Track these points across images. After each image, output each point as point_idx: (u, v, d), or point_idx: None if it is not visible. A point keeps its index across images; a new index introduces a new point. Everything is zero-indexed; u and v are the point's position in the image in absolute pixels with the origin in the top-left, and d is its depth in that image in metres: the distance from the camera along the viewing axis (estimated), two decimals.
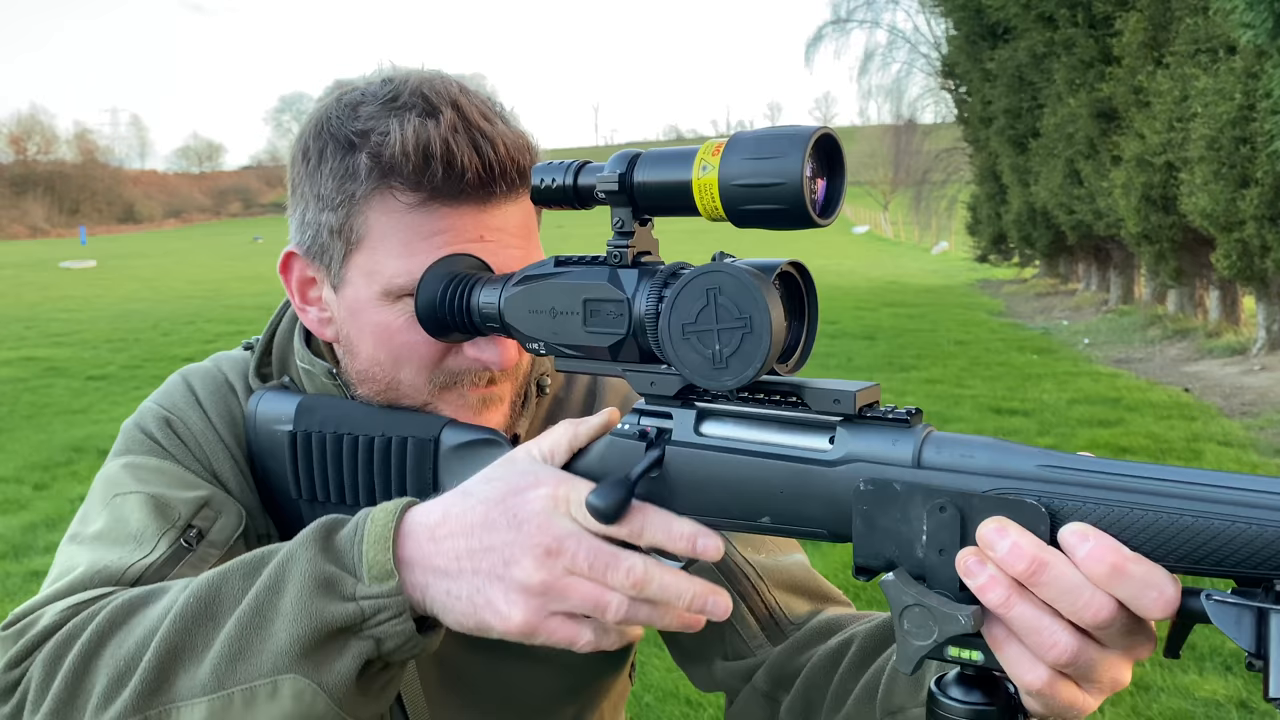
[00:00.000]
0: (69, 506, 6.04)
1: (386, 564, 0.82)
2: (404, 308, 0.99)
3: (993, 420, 7.62)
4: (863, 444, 0.75)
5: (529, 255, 1.01)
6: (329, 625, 0.81)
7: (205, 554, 0.99)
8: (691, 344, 0.77)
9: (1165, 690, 3.55)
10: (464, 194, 0.96)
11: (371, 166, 0.97)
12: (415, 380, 1.03)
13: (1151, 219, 10.76)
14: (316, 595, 0.81)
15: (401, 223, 0.97)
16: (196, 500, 1.02)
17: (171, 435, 1.08)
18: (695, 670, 1.15)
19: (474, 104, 0.98)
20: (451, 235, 0.97)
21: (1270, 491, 0.62)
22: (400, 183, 0.96)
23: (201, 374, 1.14)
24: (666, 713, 3.54)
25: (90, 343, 13.26)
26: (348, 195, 0.98)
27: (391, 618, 0.81)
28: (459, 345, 1.01)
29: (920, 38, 33.97)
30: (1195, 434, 7.01)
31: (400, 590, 0.81)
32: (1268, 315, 9.76)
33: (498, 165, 0.96)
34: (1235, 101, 8.24)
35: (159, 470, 1.04)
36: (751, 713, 1.10)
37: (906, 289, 19.19)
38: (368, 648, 0.82)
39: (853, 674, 1.00)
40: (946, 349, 11.25)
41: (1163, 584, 0.63)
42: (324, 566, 0.82)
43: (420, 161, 0.95)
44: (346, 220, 0.99)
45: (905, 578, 0.71)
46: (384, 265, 0.99)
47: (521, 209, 1.01)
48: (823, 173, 0.76)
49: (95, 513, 1.03)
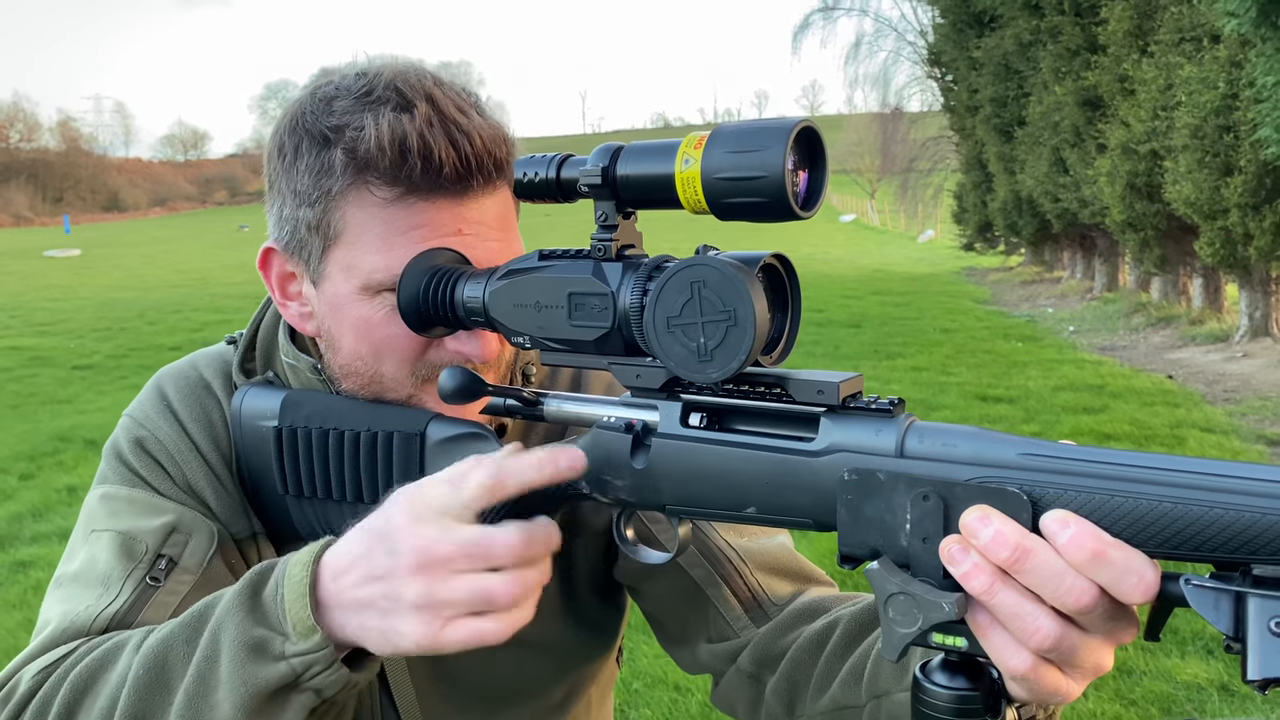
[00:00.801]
0: (55, 497, 6.02)
1: (307, 619, 0.83)
2: (384, 302, 0.99)
3: (978, 407, 7.65)
4: (846, 434, 0.75)
5: (508, 247, 1.01)
6: (266, 688, 0.83)
7: (177, 583, 1.02)
8: (676, 337, 0.78)
9: (1148, 674, 3.59)
10: (441, 188, 0.96)
11: (347, 162, 0.96)
12: (398, 374, 1.03)
13: (1136, 207, 10.80)
14: (249, 662, 0.83)
15: (378, 218, 0.97)
16: (164, 528, 1.04)
17: (143, 455, 1.09)
18: (681, 653, 1.17)
19: (449, 96, 0.98)
20: (429, 229, 0.97)
21: (1246, 477, 0.63)
22: (376, 178, 0.96)
23: (177, 377, 1.14)
24: (655, 698, 3.56)
25: (76, 332, 13.18)
26: (324, 191, 0.98)
27: (323, 670, 0.83)
28: (440, 339, 1.01)
29: (907, 26, 33.92)
30: (1178, 420, 7.06)
31: (326, 643, 0.83)
32: (1250, 302, 9.83)
33: (474, 158, 0.96)
34: (1219, 90, 8.27)
35: (129, 501, 1.06)
36: (736, 694, 1.11)
37: (893, 277, 19.23)
38: (308, 699, 0.84)
39: (838, 657, 1.01)
40: (932, 337, 11.29)
41: (1142, 569, 0.64)
42: (252, 631, 0.84)
43: (396, 156, 0.94)
44: (324, 216, 0.99)
45: (890, 566, 0.72)
46: (362, 260, 0.98)
47: (499, 201, 1.01)
48: (804, 165, 0.76)
49: (76, 548, 1.06)
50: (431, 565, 0.80)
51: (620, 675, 3.80)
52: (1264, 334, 9.72)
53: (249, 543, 1.11)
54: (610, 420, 0.86)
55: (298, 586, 0.84)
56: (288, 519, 1.10)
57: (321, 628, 0.83)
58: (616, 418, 0.86)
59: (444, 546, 0.80)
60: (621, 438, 0.85)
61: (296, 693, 0.84)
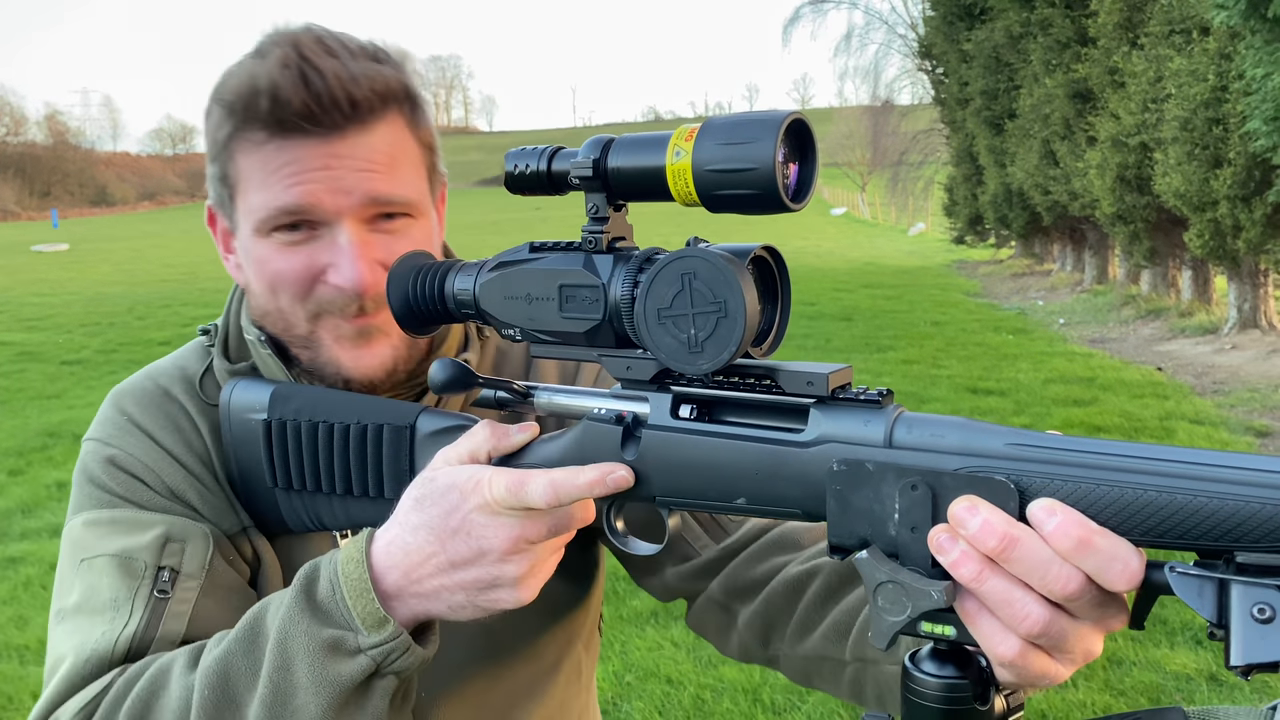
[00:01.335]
0: (44, 492, 6.00)
1: (377, 612, 0.88)
2: (275, 240, 1.04)
3: (969, 400, 7.68)
4: (836, 425, 0.76)
5: (395, 180, 1.04)
6: (350, 683, 0.87)
7: (185, 590, 1.03)
8: (667, 328, 0.78)
9: (1137, 664, 3.61)
10: (300, 128, 1.00)
11: (224, 113, 1.03)
12: (292, 309, 1.07)
13: (1126, 199, 10.83)
14: (328, 661, 0.87)
15: (256, 160, 1.02)
16: (157, 540, 1.04)
17: (117, 473, 1.08)
18: (651, 583, 1.19)
19: (313, 41, 1.02)
20: (297, 166, 1.01)
21: (1230, 466, 0.63)
22: (245, 123, 1.01)
23: (132, 392, 1.14)
24: (647, 691, 3.57)
25: (64, 327, 13.13)
26: (218, 144, 1.05)
27: (401, 654, 0.88)
28: (324, 273, 1.04)
29: (897, 18, 34.02)
30: (1168, 412, 7.10)
31: (399, 630, 0.88)
32: (1239, 295, 9.87)
33: (327, 96, 0.99)
34: (1208, 83, 8.30)
35: (113, 522, 1.06)
36: (709, 618, 1.15)
37: (884, 270, 19.26)
38: (390, 684, 0.89)
39: (818, 607, 1.04)
40: (923, 329, 11.31)
41: (1128, 557, 0.65)
42: (322, 631, 0.88)
43: (250, 98, 0.99)
44: (224, 168, 1.06)
45: (879, 555, 0.72)
46: (252, 201, 1.04)
47: (382, 138, 1.03)
48: (795, 157, 0.76)
49: (69, 581, 1.06)
50: (522, 547, 0.87)
51: (612, 668, 3.82)
52: (1252, 326, 9.77)
53: (240, 537, 1.11)
54: (601, 412, 0.87)
55: (358, 584, 0.88)
56: (277, 512, 1.10)
57: (393, 617, 0.88)
58: (607, 410, 0.87)
59: (531, 529, 0.87)
60: (612, 430, 0.85)
61: (380, 680, 0.89)
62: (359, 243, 1.03)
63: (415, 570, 0.88)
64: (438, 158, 1.13)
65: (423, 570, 0.88)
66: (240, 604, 1.04)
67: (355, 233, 1.03)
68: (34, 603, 4.48)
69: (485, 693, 1.18)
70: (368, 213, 1.04)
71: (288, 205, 1.02)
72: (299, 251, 1.04)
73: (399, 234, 1.06)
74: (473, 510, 0.87)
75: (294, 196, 1.01)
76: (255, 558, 1.12)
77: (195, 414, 1.12)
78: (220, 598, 1.05)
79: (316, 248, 1.04)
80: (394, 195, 1.04)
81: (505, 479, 0.85)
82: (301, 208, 1.02)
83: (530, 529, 0.86)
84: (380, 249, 1.05)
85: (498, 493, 0.85)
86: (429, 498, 0.89)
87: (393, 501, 0.94)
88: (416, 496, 0.90)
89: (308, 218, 1.03)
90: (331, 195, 1.01)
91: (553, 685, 1.24)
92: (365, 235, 1.04)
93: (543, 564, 0.90)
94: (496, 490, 0.85)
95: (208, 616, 1.03)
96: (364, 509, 1.06)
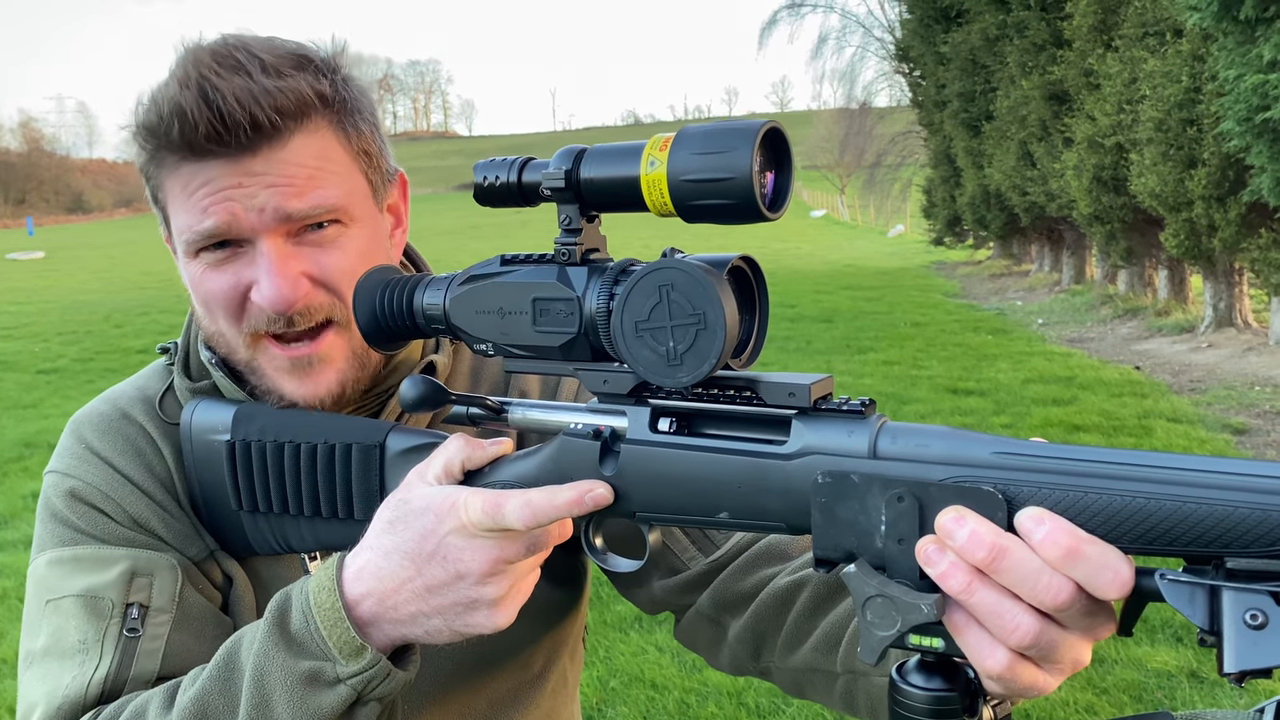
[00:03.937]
0: (20, 503, 5.93)
1: (353, 640, 0.86)
2: (203, 260, 1.03)
3: (949, 400, 7.71)
4: (819, 436, 0.75)
5: (318, 192, 1.01)
6: (331, 713, 0.86)
7: (156, 625, 1.01)
8: (645, 341, 0.76)
9: (1119, 663, 3.62)
10: (209, 150, 0.98)
11: (142, 138, 1.02)
12: (230, 331, 1.05)
13: (1102, 200, 10.91)
14: (307, 694, 0.86)
15: (176, 183, 1.01)
16: (123, 576, 1.02)
17: (78, 505, 1.06)
18: (638, 595, 1.18)
19: (215, 59, 0.99)
20: (211, 187, 0.99)
21: (1216, 471, 0.63)
22: (159, 148, 1.01)
23: (92, 418, 1.12)
24: (631, 697, 3.56)
25: (40, 336, 13.00)
26: (142, 168, 1.05)
27: (382, 681, 0.87)
28: (251, 290, 1.03)
29: (874, 21, 34.13)
30: (1146, 411, 7.14)
31: (378, 656, 0.86)
32: (1214, 293, 9.95)
33: (229, 116, 0.96)
34: (1182, 84, 8.37)
35: (76, 560, 1.03)
36: (697, 633, 1.14)
37: (863, 272, 19.33)
38: (374, 710, 0.88)
39: (807, 618, 1.03)
40: (903, 330, 11.36)
41: (1117, 565, 0.64)
42: (298, 664, 0.87)
43: (158, 123, 0.99)
44: (153, 191, 1.06)
45: (866, 569, 0.71)
46: (179, 223, 1.03)
47: (299, 151, 1.01)
48: (771, 166, 0.75)
49: (35, 622, 1.04)
50: (500, 569, 0.86)
51: (597, 674, 3.80)
52: (1228, 324, 9.85)
53: (208, 562, 1.09)
54: (577, 427, 0.85)
55: (330, 613, 0.87)
56: (243, 535, 1.08)
57: (370, 644, 0.87)
58: (583, 424, 0.85)
59: (509, 550, 0.85)
60: (589, 445, 0.84)
61: (361, 707, 0.88)
62: (278, 258, 1.01)
63: (391, 596, 0.87)
64: (382, 158, 1.10)
65: (399, 596, 0.86)
66: (215, 633, 1.02)
67: (273, 248, 1.01)
68: (10, 615, 4.42)
69: (470, 701, 1.16)
70: (287, 228, 1.01)
71: (206, 229, 1.00)
72: (225, 271, 1.03)
73: (330, 244, 1.03)
74: (449, 533, 0.85)
75: (211, 217, 1.00)
76: (226, 580, 1.09)
77: (157, 436, 1.10)
78: (194, 629, 1.03)
79: (240, 265, 1.02)
80: (312, 209, 1.01)
81: (481, 501, 0.83)
82: (219, 228, 1.00)
83: (508, 550, 0.85)
84: (307, 261, 1.02)
85: (474, 515, 0.83)
86: (403, 520, 0.87)
87: (363, 523, 0.92)
88: (389, 519, 0.88)
89: (228, 237, 1.01)
90: (246, 214, 1.00)
91: (539, 694, 1.22)
92: (286, 249, 1.02)
93: (520, 584, 0.88)
94: (473, 513, 0.83)
95: (183, 650, 1.01)
96: (333, 530, 1.04)
